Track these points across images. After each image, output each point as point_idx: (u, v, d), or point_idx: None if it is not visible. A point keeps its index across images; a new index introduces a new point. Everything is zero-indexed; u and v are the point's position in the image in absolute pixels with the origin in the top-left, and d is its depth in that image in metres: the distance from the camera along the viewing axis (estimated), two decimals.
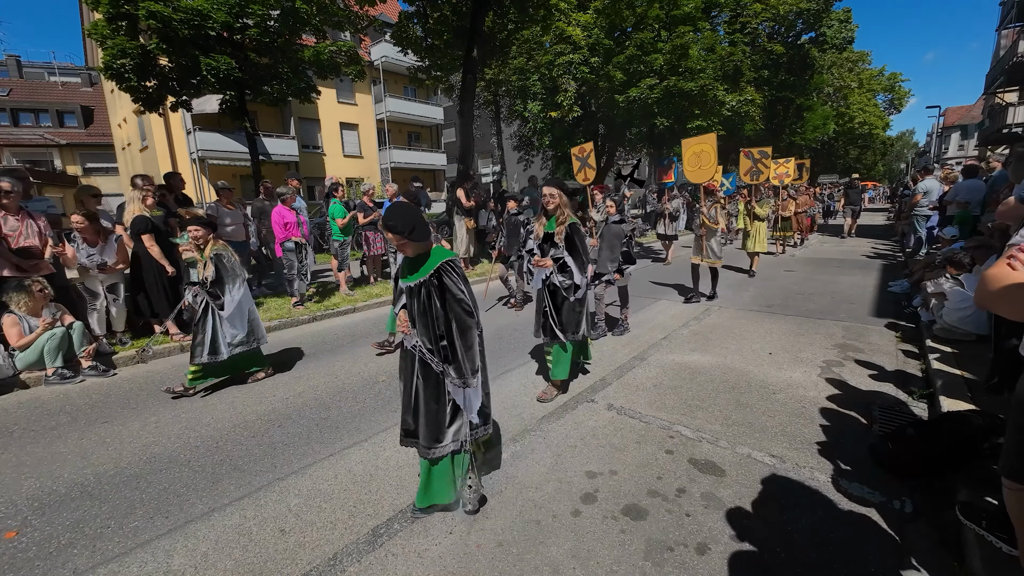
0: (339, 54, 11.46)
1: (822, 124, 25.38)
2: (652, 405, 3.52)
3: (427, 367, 2.23)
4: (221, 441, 3.17)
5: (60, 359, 4.21)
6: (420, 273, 2.20)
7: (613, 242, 5.04)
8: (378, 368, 4.46)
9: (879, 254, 10.98)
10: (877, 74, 34.88)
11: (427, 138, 30.62)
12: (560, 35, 15.25)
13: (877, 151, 41.35)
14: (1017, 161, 4.09)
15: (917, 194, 9.66)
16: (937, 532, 2.16)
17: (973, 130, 36.85)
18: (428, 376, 2.24)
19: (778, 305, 6.42)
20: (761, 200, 8.84)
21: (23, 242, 4.33)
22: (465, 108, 11.43)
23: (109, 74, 9.32)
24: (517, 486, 2.57)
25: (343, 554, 2.11)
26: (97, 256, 4.70)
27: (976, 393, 3.26)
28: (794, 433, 3.04)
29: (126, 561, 2.12)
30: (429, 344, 2.21)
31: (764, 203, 8.78)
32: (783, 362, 4.30)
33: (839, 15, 21.63)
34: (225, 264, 3.88)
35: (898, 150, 66.15)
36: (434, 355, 2.20)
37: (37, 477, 2.80)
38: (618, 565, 2.01)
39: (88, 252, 4.67)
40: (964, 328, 4.32)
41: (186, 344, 5.09)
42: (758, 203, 8.59)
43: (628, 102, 14.67)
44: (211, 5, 8.89)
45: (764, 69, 20.27)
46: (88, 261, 4.66)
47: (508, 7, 11.80)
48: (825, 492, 2.45)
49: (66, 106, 28.91)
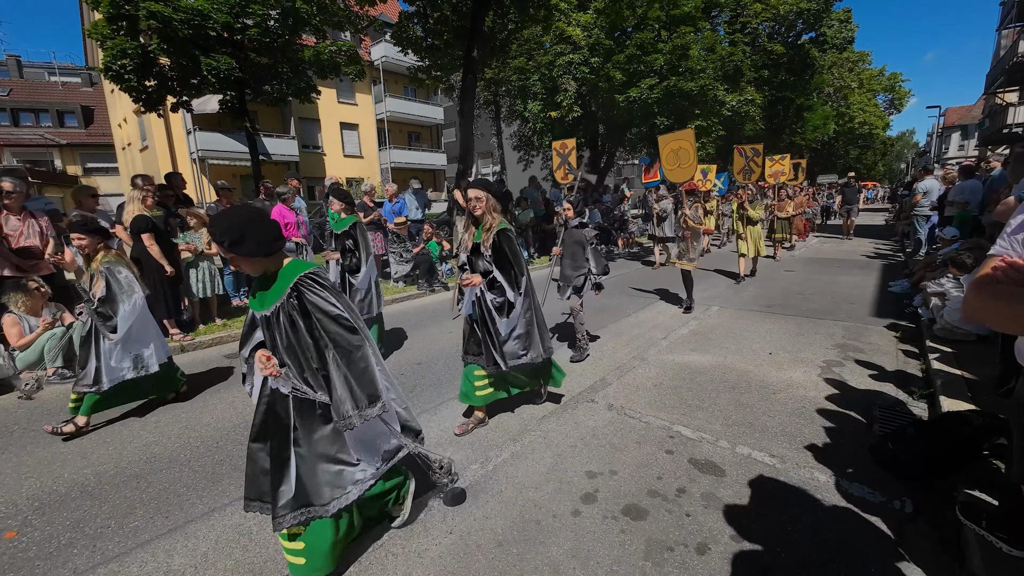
0: (339, 54, 11.46)
1: (822, 124, 25.40)
2: (652, 405, 3.52)
3: (310, 413, 1.83)
4: (221, 441, 3.17)
5: (60, 359, 4.21)
6: (272, 296, 1.77)
7: (575, 250, 4.44)
8: None
9: (879, 254, 10.98)
10: (877, 74, 34.91)
11: (427, 138, 30.62)
12: (560, 35, 15.26)
13: (877, 151, 41.40)
14: (1016, 161, 4.09)
15: (917, 194, 9.66)
16: (937, 532, 2.15)
17: (973, 130, 36.82)
18: (311, 422, 1.83)
19: (778, 305, 6.42)
20: (754, 201, 8.08)
21: (24, 242, 4.33)
22: (465, 108, 11.43)
23: (109, 75, 9.32)
24: (517, 486, 2.57)
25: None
26: None
27: (976, 393, 3.26)
28: (794, 433, 3.04)
29: (126, 561, 2.12)
30: (305, 384, 1.80)
31: (757, 204, 8.11)
32: (783, 362, 4.30)
33: (839, 15, 21.65)
34: (119, 279, 3.32)
35: (898, 150, 66.14)
36: (314, 391, 1.80)
37: (37, 477, 2.80)
38: (618, 565, 2.01)
39: None
40: (964, 328, 4.32)
41: (186, 344, 5.10)
42: (751, 204, 7.89)
43: (628, 102, 14.67)
44: (211, 5, 8.89)
45: (764, 69, 20.28)
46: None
47: (508, 7, 11.79)
48: (825, 492, 2.45)
49: (66, 106, 28.92)
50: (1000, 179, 6.99)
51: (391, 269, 8.23)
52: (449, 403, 3.63)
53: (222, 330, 5.49)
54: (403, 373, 4.27)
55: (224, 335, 5.39)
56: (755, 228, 8.14)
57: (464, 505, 2.43)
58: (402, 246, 8.21)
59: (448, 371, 4.33)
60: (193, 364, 4.74)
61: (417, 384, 4.06)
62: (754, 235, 7.97)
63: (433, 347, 5.06)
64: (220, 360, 4.85)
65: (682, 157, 6.30)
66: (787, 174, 11.06)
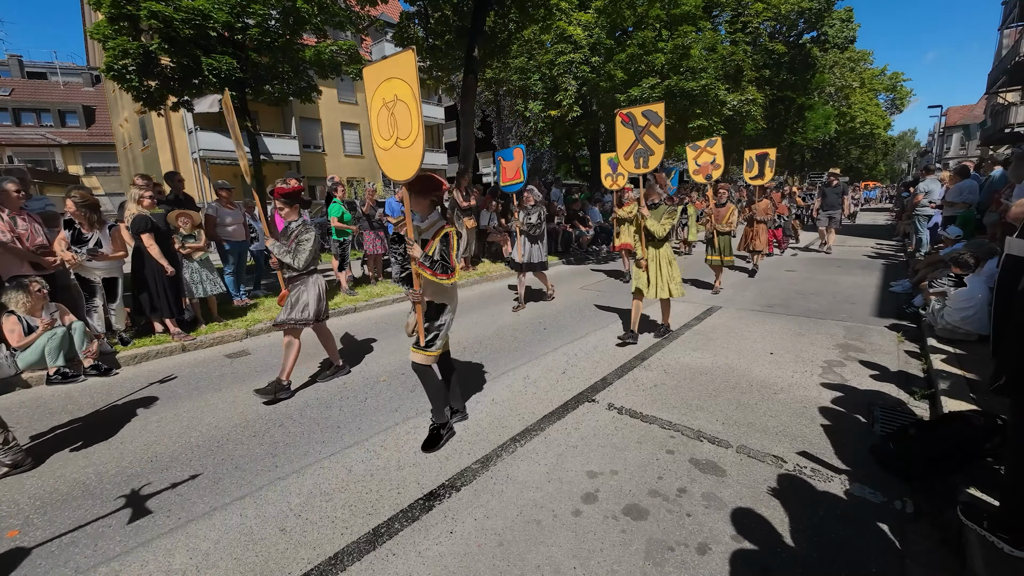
0: (340, 54, 11.48)
1: (823, 124, 25.40)
2: (653, 405, 3.51)
3: None
4: (222, 440, 3.17)
5: (61, 358, 4.22)
6: None
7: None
8: (379, 368, 4.47)
9: (880, 254, 10.96)
10: (879, 74, 34.89)
11: (428, 138, 30.63)
12: (561, 35, 15.26)
13: (879, 151, 41.30)
14: (1018, 161, 4.09)
15: (919, 194, 9.65)
16: (938, 533, 2.15)
17: (975, 130, 36.76)
18: None
19: (779, 305, 6.41)
20: (658, 206, 4.72)
21: (37, 241, 4.39)
22: (466, 108, 11.44)
23: (111, 74, 9.36)
24: (517, 486, 2.57)
25: (344, 553, 2.11)
26: (91, 242, 4.69)
27: (978, 393, 3.25)
28: (795, 433, 3.04)
29: (127, 560, 2.12)
30: None
31: (665, 212, 4.68)
32: (784, 362, 4.30)
33: (841, 14, 21.61)
34: None
35: (900, 150, 66.05)
36: None
37: (39, 476, 2.80)
38: (619, 565, 2.01)
39: (83, 237, 4.65)
40: (966, 328, 4.31)
41: (188, 344, 5.10)
42: (651, 213, 4.66)
43: (629, 101, 14.67)
44: (212, 5, 8.92)
45: (765, 68, 20.25)
46: (80, 254, 4.60)
47: (509, 7, 11.79)
48: (826, 492, 2.45)
49: (68, 106, 29.01)
50: (1001, 180, 6.99)
51: (392, 269, 8.23)
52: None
53: (223, 329, 5.49)
54: (404, 373, 4.28)
55: (225, 334, 5.39)
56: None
57: (465, 505, 2.43)
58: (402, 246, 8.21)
59: None
60: (194, 363, 4.75)
61: (418, 384, 4.03)
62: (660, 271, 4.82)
63: None
64: (221, 360, 4.86)
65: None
66: (719, 167, 7.33)
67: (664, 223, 4.65)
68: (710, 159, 7.28)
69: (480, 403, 3.64)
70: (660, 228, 4.63)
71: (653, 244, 4.79)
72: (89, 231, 4.68)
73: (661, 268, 4.77)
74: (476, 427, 3.26)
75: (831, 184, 11.20)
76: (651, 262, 4.78)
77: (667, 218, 4.68)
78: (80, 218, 4.63)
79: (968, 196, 7.49)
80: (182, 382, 4.28)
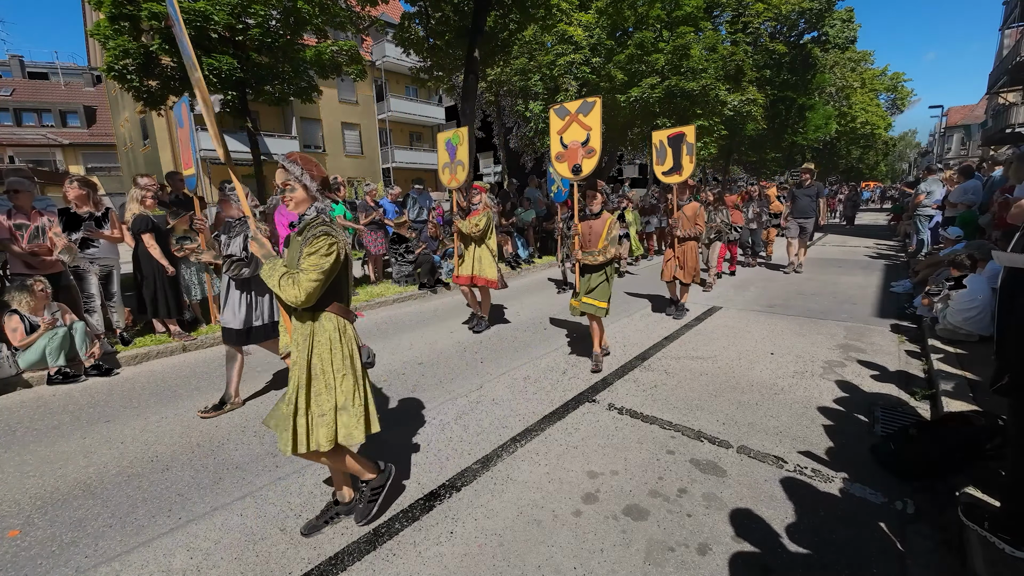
0: (340, 54, 11.48)
1: (824, 124, 25.33)
2: (653, 405, 3.51)
3: None
4: (223, 440, 3.17)
5: (62, 358, 4.22)
6: None
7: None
8: (380, 369, 4.47)
9: (881, 254, 10.95)
10: (880, 74, 34.83)
11: (429, 138, 30.63)
12: (562, 35, 15.26)
13: (879, 151, 41.24)
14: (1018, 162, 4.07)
15: (920, 194, 9.64)
16: (939, 533, 2.15)
17: (976, 130, 36.73)
18: None
19: (779, 305, 6.41)
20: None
21: (35, 242, 4.41)
22: (466, 108, 11.44)
23: (112, 74, 9.36)
24: (518, 486, 2.57)
25: (344, 553, 2.11)
26: (91, 223, 4.73)
27: (979, 394, 3.25)
28: (796, 433, 3.04)
29: (128, 560, 2.12)
30: None
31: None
32: (785, 362, 4.30)
33: (841, 14, 21.58)
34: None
35: (900, 150, 65.97)
36: None
37: (40, 476, 2.80)
38: (619, 565, 2.01)
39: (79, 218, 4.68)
40: (967, 329, 4.31)
41: (188, 344, 5.11)
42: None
43: (629, 102, 14.67)
44: (213, 5, 8.92)
45: (766, 69, 20.22)
46: (74, 239, 4.62)
47: (510, 7, 11.80)
48: (827, 492, 2.45)
49: (69, 106, 29.04)
50: (1001, 181, 6.98)
51: (392, 269, 8.23)
52: (449, 403, 3.63)
53: None
54: (404, 373, 4.28)
55: None
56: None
57: (465, 505, 2.43)
58: (403, 246, 8.21)
59: (450, 371, 4.33)
60: (195, 363, 4.75)
61: (418, 384, 4.06)
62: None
63: (435, 347, 5.06)
64: (222, 360, 4.86)
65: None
66: (594, 153, 4.27)
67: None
68: (582, 137, 4.25)
69: (480, 403, 3.64)
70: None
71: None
72: (91, 207, 4.79)
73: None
74: (476, 427, 3.26)
75: (803, 184, 8.38)
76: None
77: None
78: (82, 200, 4.72)
79: (972, 196, 7.48)
80: (183, 382, 4.28)
